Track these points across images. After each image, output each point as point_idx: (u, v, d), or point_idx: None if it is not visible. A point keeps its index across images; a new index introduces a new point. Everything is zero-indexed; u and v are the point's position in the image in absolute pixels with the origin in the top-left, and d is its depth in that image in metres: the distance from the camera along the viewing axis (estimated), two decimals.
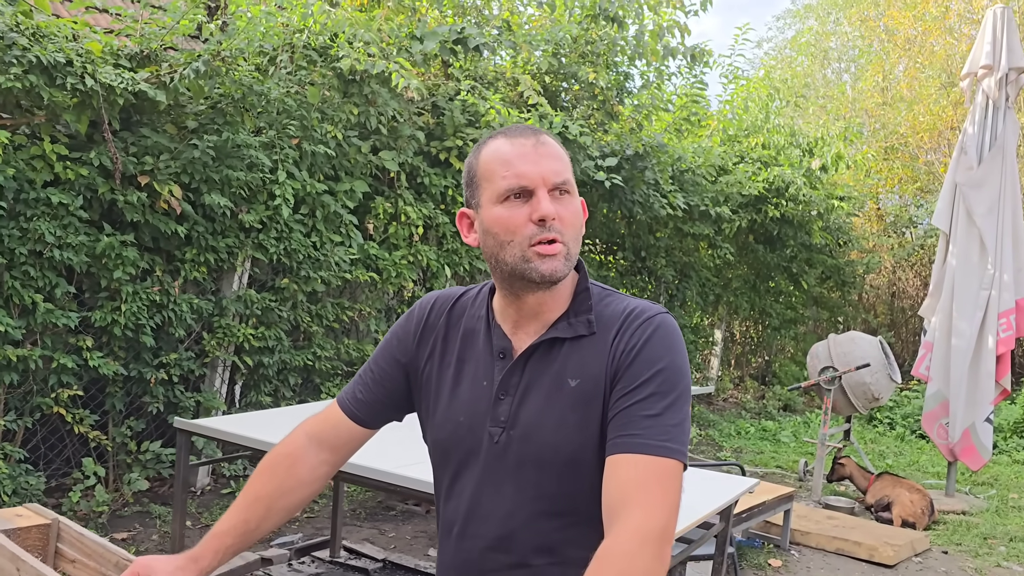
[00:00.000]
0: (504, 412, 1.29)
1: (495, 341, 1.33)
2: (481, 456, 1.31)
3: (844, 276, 10.39)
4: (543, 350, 1.30)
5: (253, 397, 5.05)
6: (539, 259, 1.24)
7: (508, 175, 1.25)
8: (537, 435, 1.27)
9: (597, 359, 1.27)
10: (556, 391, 1.28)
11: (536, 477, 1.27)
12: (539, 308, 1.31)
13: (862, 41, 14.06)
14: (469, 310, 1.40)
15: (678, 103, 8.24)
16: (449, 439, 1.35)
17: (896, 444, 7.98)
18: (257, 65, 4.87)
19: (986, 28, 5.81)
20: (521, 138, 1.28)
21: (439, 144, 5.68)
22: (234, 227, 4.73)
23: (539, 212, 1.23)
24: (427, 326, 1.41)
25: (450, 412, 1.35)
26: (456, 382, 1.35)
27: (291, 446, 1.44)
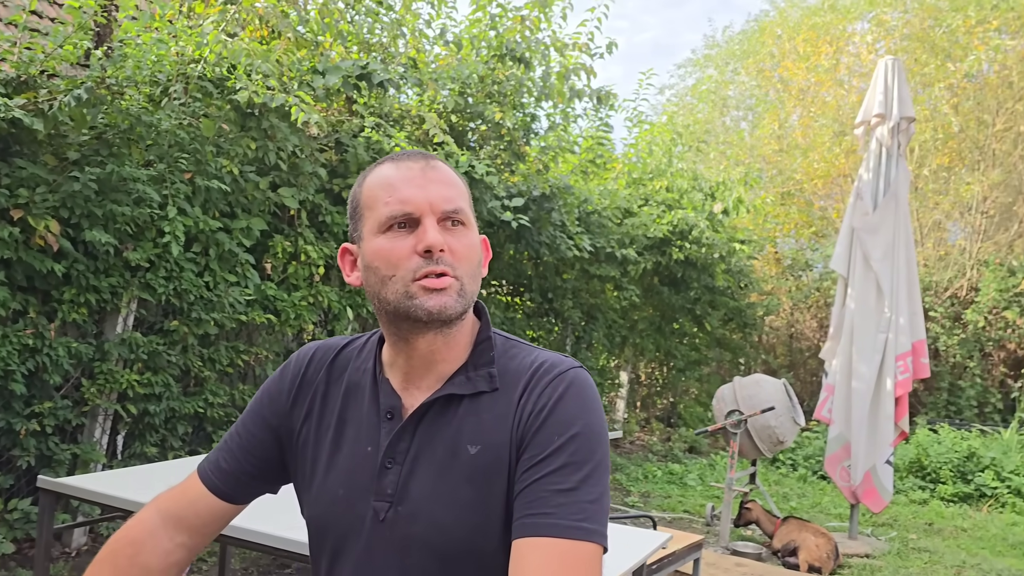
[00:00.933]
0: (391, 484, 1.10)
1: (382, 399, 1.15)
2: (363, 536, 1.11)
3: (745, 318, 10.62)
4: (437, 409, 1.12)
5: (137, 448, 4.68)
6: (425, 294, 1.07)
7: (391, 201, 1.09)
8: (427, 513, 1.08)
9: (500, 422, 1.09)
10: (451, 459, 1.09)
11: (425, 564, 1.08)
12: (432, 358, 1.13)
13: (759, 90, 14.65)
14: (354, 362, 1.21)
15: (584, 145, 8.30)
16: (326, 515, 1.15)
17: (799, 485, 8.10)
18: (149, 95, 4.61)
19: (878, 78, 6.04)
20: (409, 161, 1.13)
21: (342, 182, 5.50)
22: (119, 265, 4.40)
23: (424, 242, 1.07)
24: (304, 382, 1.22)
25: (328, 483, 1.15)
26: (335, 447, 1.16)
27: (138, 529, 1.21)
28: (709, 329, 10.29)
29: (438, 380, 1.14)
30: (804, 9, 13.88)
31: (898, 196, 5.89)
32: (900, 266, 5.85)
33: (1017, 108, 11.36)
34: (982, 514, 7.28)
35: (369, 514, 1.11)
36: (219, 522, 1.25)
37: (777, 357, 12.51)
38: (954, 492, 7.70)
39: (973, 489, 7.72)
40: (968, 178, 11.61)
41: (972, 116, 11.66)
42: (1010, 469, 7.89)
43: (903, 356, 5.72)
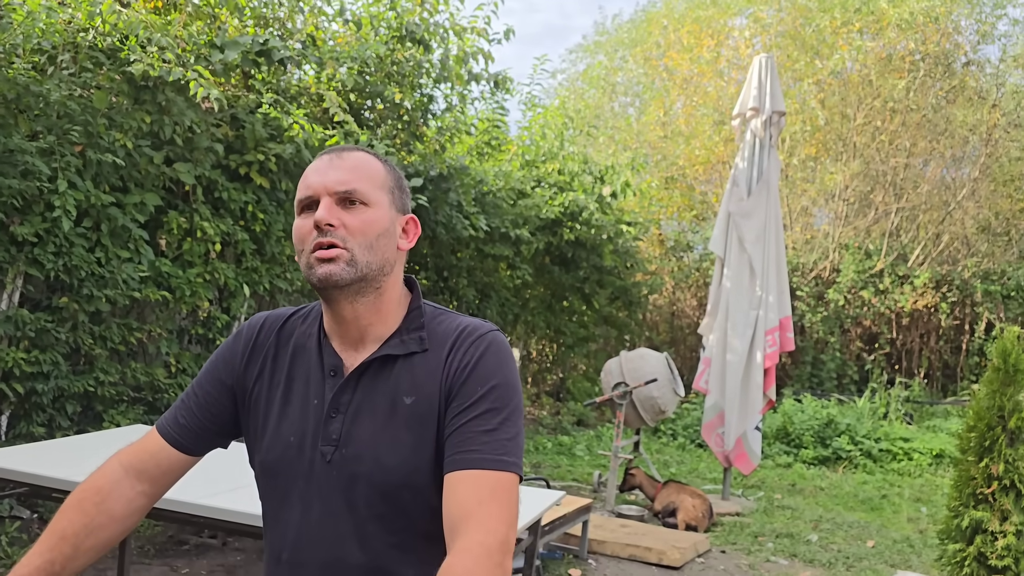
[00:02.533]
0: (336, 430, 1.26)
1: (325, 359, 1.31)
2: (312, 477, 1.27)
3: (631, 297, 11.08)
4: (376, 368, 1.29)
5: (23, 428, 4.56)
6: (318, 264, 1.23)
7: (301, 187, 1.29)
8: (370, 454, 1.25)
9: (431, 377, 1.27)
10: (391, 410, 1.26)
11: (369, 497, 1.25)
12: (359, 323, 1.30)
13: (646, 78, 15.16)
14: (300, 327, 1.37)
15: (480, 127, 8.46)
16: (278, 461, 1.30)
17: (679, 453, 8.61)
18: (34, 64, 4.47)
19: (753, 74, 6.47)
20: (325, 155, 1.30)
21: (239, 158, 5.46)
22: (4, 240, 4.28)
23: (316, 217, 1.24)
24: (256, 345, 1.37)
25: (279, 433, 1.30)
26: (285, 401, 1.32)
27: (103, 479, 1.34)
28: (597, 307, 10.70)
29: (375, 343, 1.30)
30: (689, 2, 14.45)
31: (770, 184, 6.34)
32: (771, 248, 6.32)
33: (875, 104, 12.26)
34: (838, 475, 7.98)
35: (317, 457, 1.27)
36: (176, 472, 1.40)
37: (660, 334, 13.11)
38: (814, 456, 8.38)
39: (831, 453, 8.43)
40: (832, 168, 12.46)
41: (837, 110, 12.50)
42: (863, 434, 8.65)
43: (772, 331, 6.20)
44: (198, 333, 5.61)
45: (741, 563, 5.07)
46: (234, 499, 2.68)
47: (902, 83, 11.84)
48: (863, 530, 5.92)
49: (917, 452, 8.46)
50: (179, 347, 5.46)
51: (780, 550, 5.34)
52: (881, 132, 12.41)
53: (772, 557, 5.21)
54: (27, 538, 4.42)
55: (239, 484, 2.89)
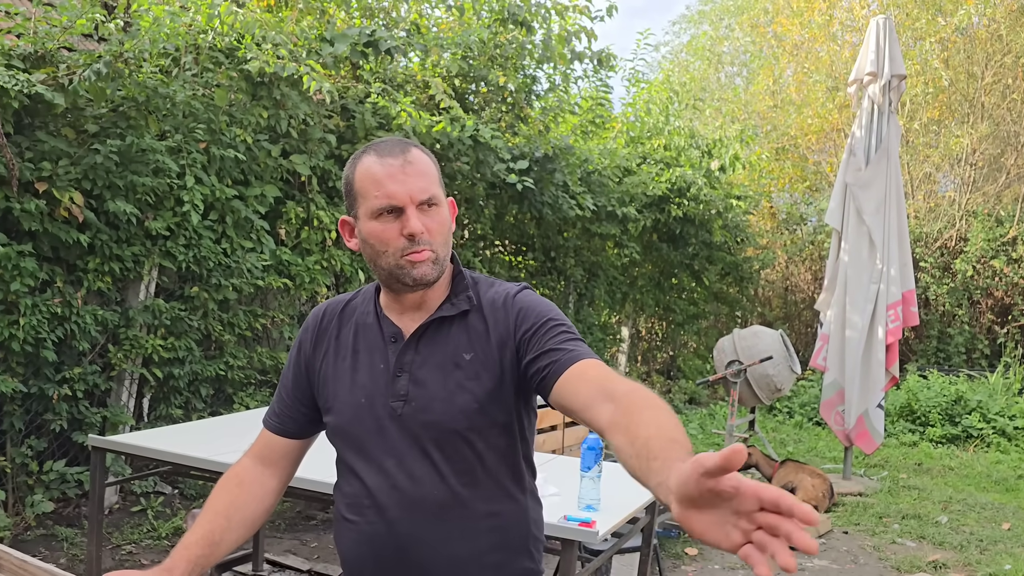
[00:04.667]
0: (403, 387, 1.43)
1: (385, 328, 1.48)
2: (384, 430, 1.43)
3: (742, 272, 10.81)
4: (433, 330, 1.45)
5: (163, 410, 4.88)
6: (411, 266, 1.38)
7: (380, 195, 1.38)
8: (437, 404, 1.41)
9: (483, 335, 1.44)
10: (452, 365, 1.43)
11: (439, 441, 1.42)
12: (420, 301, 1.47)
13: (753, 46, 14.65)
14: (360, 308, 1.53)
15: (583, 105, 8.40)
16: (352, 421, 1.46)
17: (795, 432, 8.38)
18: (160, 67, 4.72)
19: (870, 37, 6.17)
20: (390, 158, 1.40)
21: (350, 147, 5.62)
22: (140, 235, 4.56)
23: (408, 229, 1.37)
24: (321, 330, 1.55)
25: (351, 396, 1.47)
26: (354, 370, 1.48)
27: (239, 467, 1.57)
28: (707, 284, 10.50)
29: (427, 312, 1.47)
30: None
31: (889, 152, 6.05)
32: (891, 219, 6.03)
33: (1005, 61, 11.45)
34: (968, 454, 7.58)
35: (387, 412, 1.44)
36: (293, 455, 1.61)
37: (773, 309, 12.74)
38: (942, 434, 7.99)
39: (960, 431, 8.02)
40: (957, 131, 11.73)
41: (962, 70, 11.75)
42: (995, 411, 8.17)
43: (894, 305, 5.94)
44: None
45: (865, 544, 4.91)
46: None
47: None
48: (997, 512, 5.62)
49: None
50: None
51: (907, 532, 5.14)
52: (1012, 91, 11.59)
53: (898, 539, 5.01)
54: (170, 511, 4.74)
55: None
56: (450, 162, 6.32)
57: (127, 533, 4.41)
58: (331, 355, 1.51)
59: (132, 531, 4.44)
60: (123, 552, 4.20)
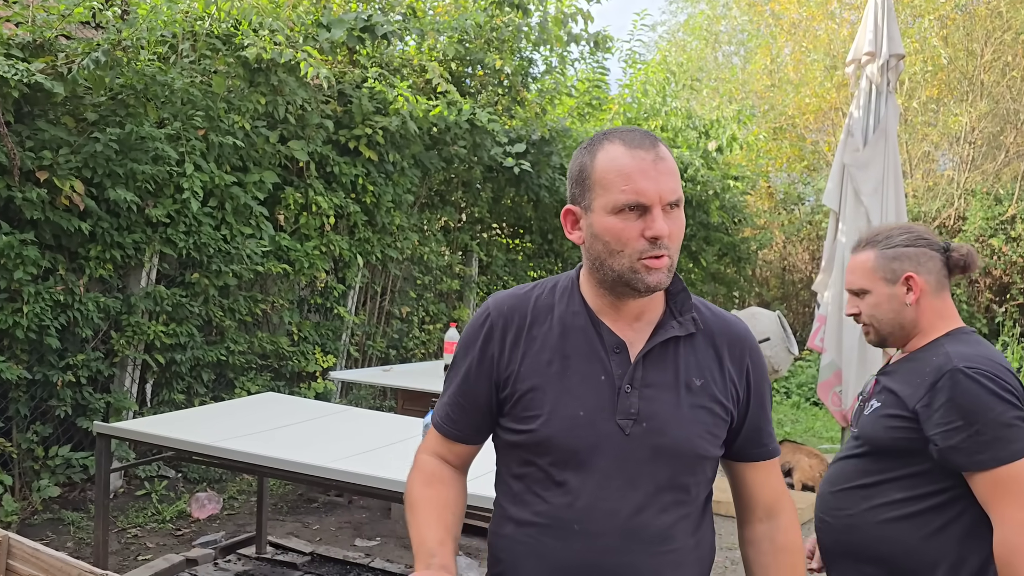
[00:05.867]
0: (633, 405, 1.33)
1: (605, 337, 1.36)
2: (608, 449, 1.32)
3: (739, 253, 10.84)
4: (660, 347, 1.36)
5: (166, 395, 4.93)
6: (647, 271, 1.29)
7: (627, 190, 1.28)
8: (671, 428, 1.33)
9: (713, 363, 1.39)
10: (684, 389, 1.35)
11: (669, 469, 1.33)
12: (640, 310, 1.37)
13: (750, 25, 14.58)
14: (559, 307, 1.40)
15: (580, 88, 8.39)
16: (566, 434, 1.32)
17: (793, 412, 8.45)
18: (158, 54, 4.72)
19: (868, 16, 6.14)
20: (641, 150, 1.29)
21: (348, 132, 5.64)
22: (140, 222, 4.59)
23: (653, 231, 1.27)
24: (510, 326, 1.40)
25: (562, 407, 1.33)
26: (563, 377, 1.34)
27: (430, 466, 1.47)
28: (704, 264, 10.53)
29: (648, 324, 1.38)
30: None
31: (887, 132, 6.05)
32: (889, 200, 6.04)
33: (1005, 38, 11.42)
34: None
35: (613, 430, 1.32)
36: (473, 453, 1.51)
37: (771, 290, 12.78)
38: None
39: None
40: (956, 109, 11.72)
41: (961, 47, 11.71)
42: None
43: None
44: (317, 303, 5.88)
45: None
46: (361, 462, 2.84)
47: None
48: None
49: None
50: (300, 316, 5.74)
51: None
52: (1012, 68, 11.55)
53: None
54: (174, 495, 4.80)
55: (366, 448, 3.05)
56: (447, 146, 6.33)
57: (132, 517, 4.47)
58: (530, 355, 1.37)
59: (137, 515, 4.50)
60: (128, 535, 4.27)
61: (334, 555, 3.94)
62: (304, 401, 4.24)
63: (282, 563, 3.88)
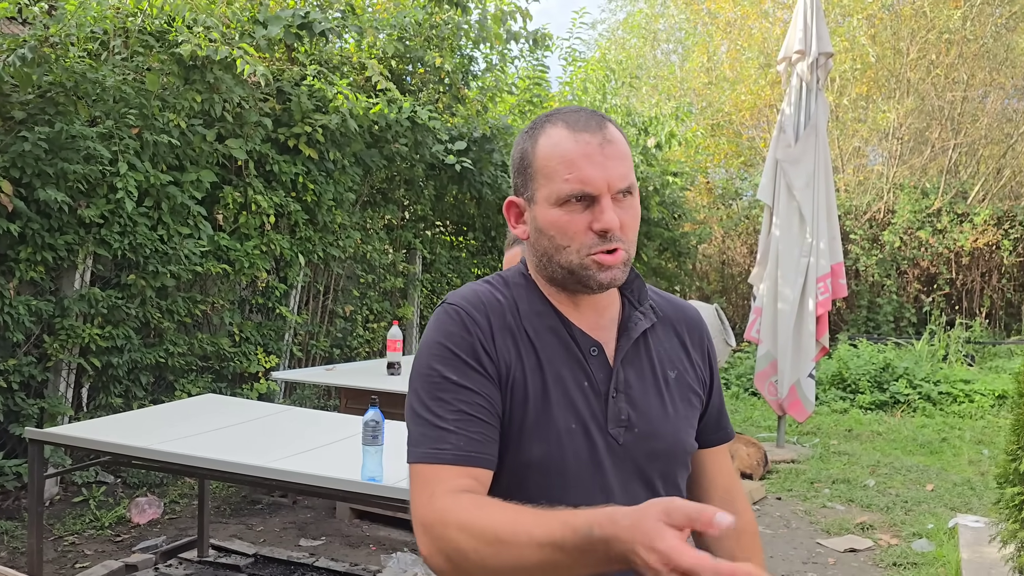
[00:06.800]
0: (623, 410, 1.21)
1: (579, 338, 1.22)
2: (604, 462, 1.19)
3: (680, 247, 11.03)
4: (635, 343, 1.26)
5: (103, 400, 4.83)
6: (597, 268, 1.16)
7: (571, 179, 1.14)
8: (661, 429, 1.24)
9: (679, 350, 1.32)
10: (662, 384, 1.27)
11: (663, 471, 1.25)
12: (601, 304, 1.26)
13: (688, 23, 14.85)
14: (521, 305, 1.24)
15: (521, 85, 8.45)
16: (560, 452, 1.17)
17: (732, 402, 8.63)
18: (88, 51, 4.62)
19: (798, 15, 6.33)
20: (586, 133, 1.16)
21: (287, 131, 5.59)
22: (73, 223, 4.48)
23: (602, 223, 1.14)
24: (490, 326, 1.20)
25: (551, 421, 1.17)
26: (544, 386, 1.19)
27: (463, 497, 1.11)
28: (646, 260, 10.69)
29: (611, 320, 1.26)
30: None
31: (818, 128, 6.24)
32: (820, 194, 6.24)
33: (929, 37, 11.84)
34: (896, 419, 7.93)
35: (607, 441, 1.19)
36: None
37: (711, 283, 13.03)
38: (871, 400, 8.33)
39: (888, 397, 8.37)
40: (884, 106, 12.11)
41: (889, 46, 12.10)
42: (921, 377, 8.55)
43: (823, 278, 6.16)
44: (258, 303, 5.82)
45: (797, 509, 5.13)
46: (303, 462, 2.83)
47: (958, 13, 11.40)
48: (922, 474, 5.91)
49: (978, 394, 8.34)
50: (241, 317, 5.67)
51: (837, 496, 5.38)
52: (936, 66, 12.00)
53: (828, 503, 5.25)
54: (113, 501, 4.71)
55: (308, 447, 3.05)
56: (388, 144, 6.32)
57: (69, 524, 4.37)
58: (515, 365, 1.19)
59: (74, 522, 4.40)
60: (66, 543, 4.17)
61: (278, 556, 3.92)
62: (245, 402, 4.20)
63: (225, 565, 3.84)
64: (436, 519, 1.06)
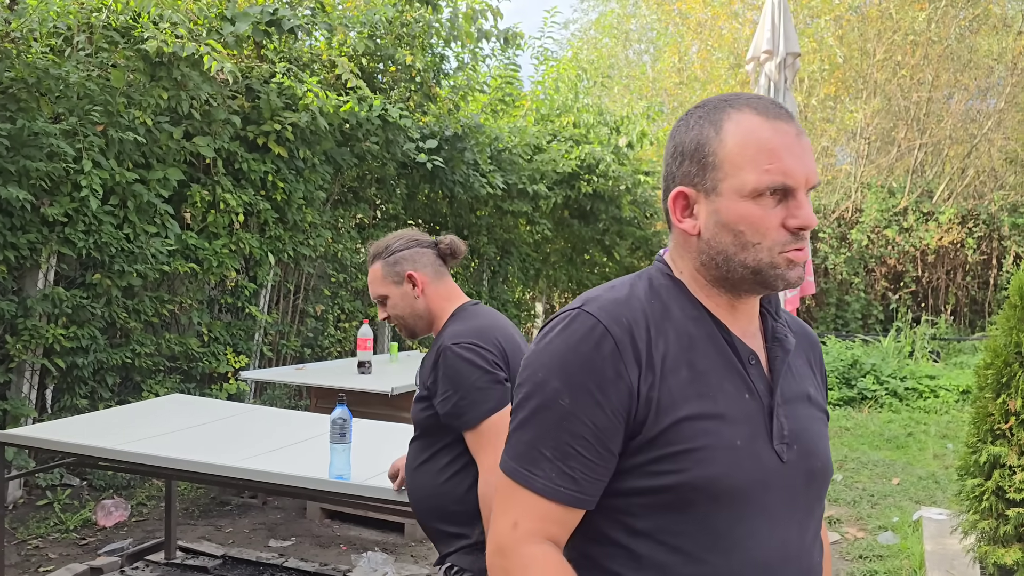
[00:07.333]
0: (784, 425, 1.11)
1: (738, 346, 1.12)
2: (771, 484, 1.08)
3: (652, 246, 11.09)
4: (787, 355, 1.17)
5: (67, 401, 4.75)
6: (788, 267, 1.08)
7: (772, 169, 1.05)
8: (816, 448, 1.15)
9: (807, 368, 1.24)
10: (808, 399, 1.19)
11: (817, 494, 1.16)
12: (753, 311, 1.17)
13: (659, 24, 14.95)
14: (674, 312, 1.11)
15: (493, 84, 8.45)
16: (728, 473, 1.04)
17: None
18: (51, 47, 4.55)
19: (765, 15, 6.38)
20: (781, 122, 1.08)
21: (256, 128, 5.54)
22: (36, 221, 4.41)
23: (800, 220, 1.06)
24: (635, 343, 1.07)
25: (716, 438, 1.05)
26: (700, 399, 1.06)
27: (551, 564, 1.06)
28: (618, 258, 10.74)
29: (757, 328, 1.18)
30: None
31: None
32: None
33: (895, 39, 12.03)
34: (863, 415, 8.04)
35: (773, 460, 1.09)
36: None
37: None
38: (840, 396, 8.44)
39: (856, 393, 8.49)
40: (852, 106, 12.29)
41: (856, 47, 12.28)
42: (888, 373, 8.68)
43: None
44: (227, 302, 5.76)
45: None
46: (272, 461, 2.81)
47: (923, 15, 11.59)
48: (888, 468, 6.00)
49: (943, 389, 8.49)
50: (210, 317, 5.61)
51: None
52: (902, 67, 12.18)
53: None
54: (78, 504, 4.64)
55: (277, 446, 3.03)
56: (359, 142, 6.29)
57: (33, 527, 4.30)
58: (667, 375, 1.06)
59: (38, 525, 4.33)
60: (29, 547, 4.11)
61: (246, 557, 3.89)
62: (212, 401, 4.16)
63: (193, 567, 3.80)
64: (517, 563, 1.05)
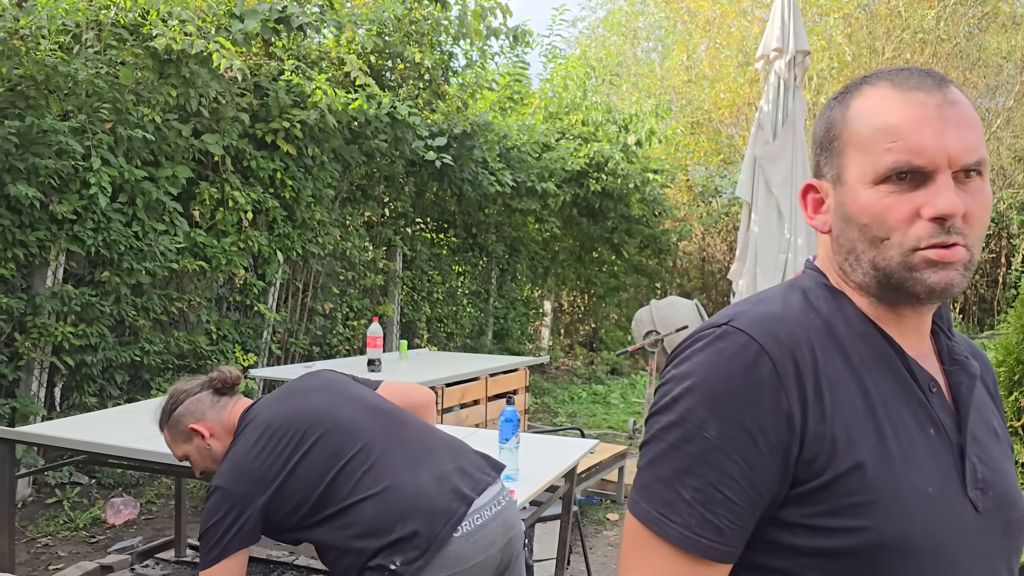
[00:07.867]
0: (978, 469, 0.92)
1: (916, 371, 0.92)
2: (969, 540, 0.89)
3: (660, 244, 11.07)
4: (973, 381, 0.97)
5: (76, 399, 4.76)
6: (928, 267, 0.87)
7: (895, 147, 0.86)
8: (1013, 494, 0.95)
9: (988, 397, 1.03)
10: (995, 436, 0.99)
11: (1017, 548, 0.95)
12: (923, 325, 0.96)
13: (668, 22, 14.90)
14: (839, 329, 0.93)
15: (501, 82, 8.43)
16: (924, 527, 0.86)
17: None
18: (60, 44, 4.54)
19: (775, 13, 6.35)
20: (919, 92, 0.88)
21: (264, 126, 5.53)
22: (45, 219, 4.41)
23: (936, 208, 0.85)
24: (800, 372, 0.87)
25: (902, 483, 0.86)
26: (882, 436, 0.88)
27: None
28: (626, 256, 10.71)
29: (930, 348, 0.98)
30: None
31: (795, 125, 6.27)
32: (798, 190, 6.26)
33: (904, 37, 11.96)
34: None
35: (968, 509, 0.90)
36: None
37: (691, 280, 13.08)
38: None
39: None
40: None
41: (864, 45, 12.21)
42: None
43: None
44: (236, 300, 5.76)
45: None
46: None
47: (932, 12, 11.52)
48: None
49: None
50: (218, 314, 5.61)
51: None
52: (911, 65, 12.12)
53: None
54: (87, 502, 4.64)
55: None
56: (367, 140, 6.28)
57: (42, 526, 4.30)
58: (839, 409, 0.87)
59: (47, 523, 4.33)
60: (39, 545, 4.11)
61: (257, 554, 3.87)
62: None
63: None
64: None
